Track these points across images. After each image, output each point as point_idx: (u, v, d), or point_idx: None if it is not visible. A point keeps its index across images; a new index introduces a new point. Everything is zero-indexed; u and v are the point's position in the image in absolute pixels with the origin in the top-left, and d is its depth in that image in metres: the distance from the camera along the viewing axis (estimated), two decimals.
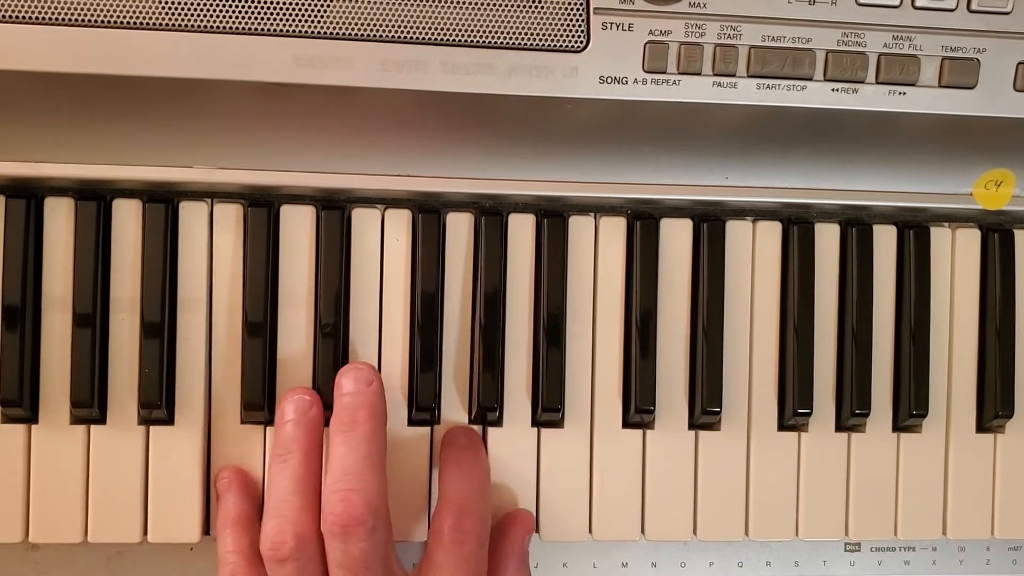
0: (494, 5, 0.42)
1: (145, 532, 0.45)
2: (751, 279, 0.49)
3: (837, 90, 0.44)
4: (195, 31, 0.41)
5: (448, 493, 0.44)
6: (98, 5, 0.40)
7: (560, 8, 0.43)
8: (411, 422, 0.47)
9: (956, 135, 0.47)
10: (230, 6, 0.41)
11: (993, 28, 0.45)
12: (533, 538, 0.47)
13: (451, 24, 0.42)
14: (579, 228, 0.48)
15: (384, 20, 0.42)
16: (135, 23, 0.41)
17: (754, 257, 0.49)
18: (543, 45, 0.43)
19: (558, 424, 0.47)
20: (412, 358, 0.46)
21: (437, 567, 0.42)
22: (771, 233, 0.49)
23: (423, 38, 0.42)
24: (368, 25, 0.42)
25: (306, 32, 0.41)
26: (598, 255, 0.48)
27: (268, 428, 0.46)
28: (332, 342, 0.45)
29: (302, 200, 0.46)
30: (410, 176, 0.45)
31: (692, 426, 0.49)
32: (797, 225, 0.49)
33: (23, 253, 0.44)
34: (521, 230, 0.47)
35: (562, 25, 0.43)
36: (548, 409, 0.47)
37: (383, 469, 0.42)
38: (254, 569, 0.43)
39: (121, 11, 0.41)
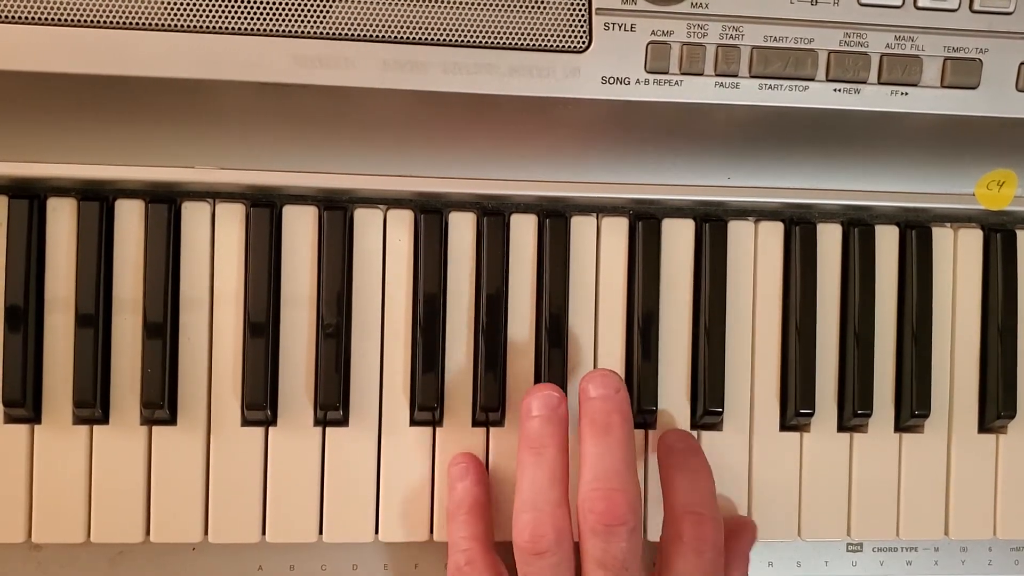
0: (496, 5, 0.42)
1: (147, 532, 0.45)
2: (753, 279, 0.49)
3: (839, 90, 0.44)
4: (196, 32, 0.41)
5: (681, 499, 0.44)
6: (99, 5, 0.40)
7: (562, 8, 0.43)
8: (413, 422, 0.47)
9: (958, 135, 0.47)
10: (231, 6, 0.41)
11: (995, 28, 0.44)
12: None
13: (453, 24, 0.42)
14: (581, 228, 0.48)
15: (385, 20, 0.42)
16: (136, 23, 0.41)
17: (756, 257, 0.49)
18: (545, 45, 0.43)
19: None
20: (414, 358, 0.46)
21: (679, 574, 0.43)
22: (773, 233, 0.49)
23: (425, 38, 0.42)
24: (369, 25, 0.42)
25: (307, 32, 0.41)
26: (600, 255, 0.48)
27: (270, 428, 0.46)
28: (334, 342, 0.45)
29: (304, 200, 0.46)
30: (412, 176, 0.45)
31: (694, 426, 0.49)
32: (799, 225, 0.49)
33: (25, 253, 0.44)
34: (523, 230, 0.47)
35: (564, 25, 0.43)
36: None
37: (636, 475, 0.43)
38: (490, 555, 0.43)
39: (122, 11, 0.41)
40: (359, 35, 0.42)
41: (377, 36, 0.42)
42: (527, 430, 0.44)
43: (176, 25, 0.41)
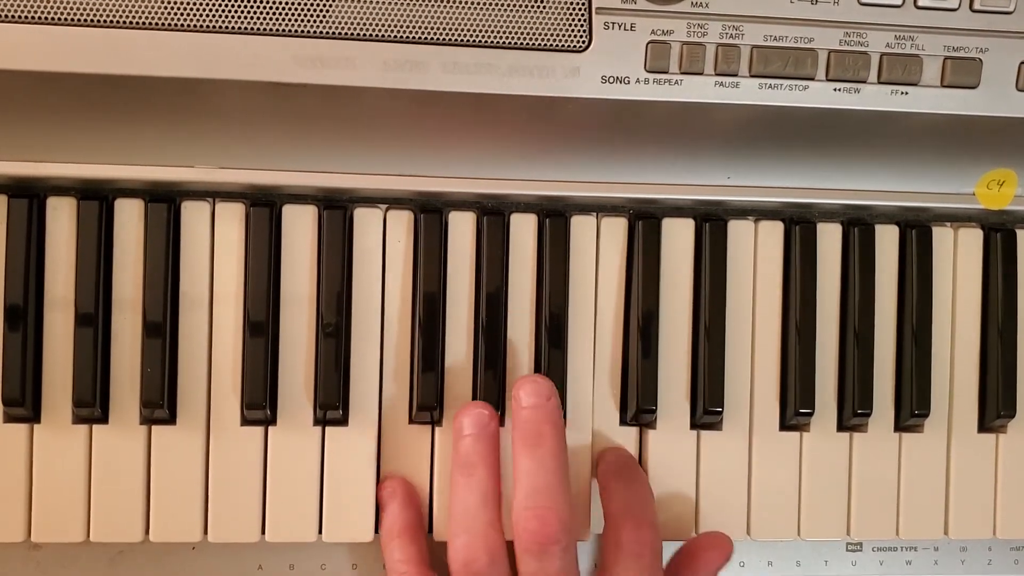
0: (496, 5, 0.42)
1: (147, 531, 0.45)
2: (753, 279, 0.49)
3: (839, 90, 0.44)
4: (197, 31, 0.41)
5: (619, 506, 0.44)
6: (99, 5, 0.40)
7: (562, 8, 0.43)
8: (412, 421, 0.47)
9: (958, 135, 0.47)
10: (232, 6, 0.41)
11: (995, 28, 0.44)
12: None
13: (453, 24, 0.42)
14: (581, 228, 0.48)
15: (386, 20, 0.42)
16: (137, 23, 0.41)
17: (756, 257, 0.49)
18: (545, 45, 0.43)
19: None
20: (413, 358, 0.46)
21: None
22: (773, 233, 0.49)
23: (425, 38, 0.42)
24: (370, 25, 0.42)
25: (308, 32, 0.41)
26: (600, 255, 0.48)
27: (269, 428, 0.46)
28: (334, 342, 0.45)
29: (304, 200, 0.46)
30: (412, 176, 0.45)
31: (694, 426, 0.49)
32: (799, 225, 0.49)
33: (25, 253, 0.44)
34: (523, 230, 0.47)
35: (564, 25, 0.43)
36: None
37: (569, 486, 0.43)
38: (427, 574, 0.43)
39: (122, 11, 0.41)
40: (359, 35, 0.42)
41: (377, 36, 0.42)
42: (458, 450, 0.44)
43: (176, 24, 0.41)
